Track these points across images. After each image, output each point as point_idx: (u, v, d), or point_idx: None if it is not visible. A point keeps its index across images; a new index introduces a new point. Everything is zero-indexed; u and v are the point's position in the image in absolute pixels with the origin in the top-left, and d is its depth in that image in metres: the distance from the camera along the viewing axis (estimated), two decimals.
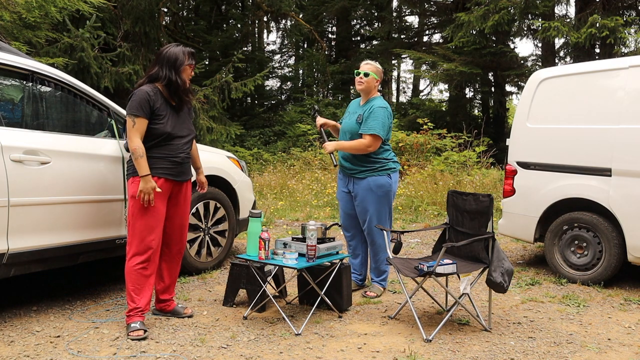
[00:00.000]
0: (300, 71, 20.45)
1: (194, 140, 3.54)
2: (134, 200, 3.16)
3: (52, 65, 5.94)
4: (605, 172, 4.21)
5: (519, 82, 15.18)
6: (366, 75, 3.87)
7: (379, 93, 3.99)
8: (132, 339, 3.06)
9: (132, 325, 3.13)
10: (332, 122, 4.13)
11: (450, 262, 3.27)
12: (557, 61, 13.60)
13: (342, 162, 3.97)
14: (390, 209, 3.94)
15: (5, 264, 3.14)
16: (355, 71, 3.94)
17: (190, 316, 3.49)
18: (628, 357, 2.96)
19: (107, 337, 3.11)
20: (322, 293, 3.46)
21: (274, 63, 20.52)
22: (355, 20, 20.26)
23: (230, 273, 3.74)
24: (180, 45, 3.32)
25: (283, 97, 20.39)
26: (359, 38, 20.43)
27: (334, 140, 4.02)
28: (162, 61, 3.24)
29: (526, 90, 4.91)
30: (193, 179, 3.59)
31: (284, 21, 19.35)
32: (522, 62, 14.97)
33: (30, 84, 3.46)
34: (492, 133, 13.39)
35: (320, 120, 4.07)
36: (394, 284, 4.29)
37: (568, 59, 13.86)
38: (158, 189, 3.14)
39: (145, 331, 3.12)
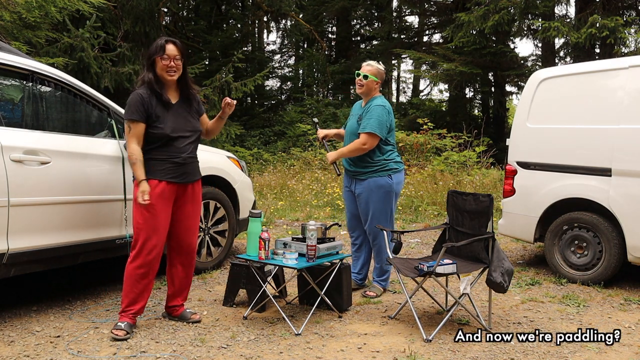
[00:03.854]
0: (300, 71, 20.46)
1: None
2: (136, 203, 3.11)
3: (52, 65, 5.94)
4: (605, 172, 4.20)
5: (519, 82, 15.19)
6: (365, 77, 3.87)
7: (379, 93, 3.99)
8: (113, 338, 3.05)
9: (119, 324, 3.11)
10: (334, 131, 4.22)
11: (450, 262, 3.27)
12: (557, 61, 13.60)
13: (345, 165, 4.04)
14: (392, 209, 3.92)
15: (5, 264, 3.14)
16: (356, 72, 3.95)
17: (197, 321, 3.39)
18: (628, 357, 2.96)
19: (107, 337, 3.10)
20: (322, 293, 3.46)
21: (274, 63, 20.54)
22: (355, 20, 20.27)
23: (230, 273, 3.74)
24: (161, 38, 3.20)
25: (283, 97, 20.40)
26: (359, 38, 20.45)
27: (337, 148, 4.05)
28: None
29: (526, 90, 4.91)
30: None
31: (284, 21, 19.37)
32: (522, 62, 14.98)
33: (30, 84, 3.46)
34: (492, 133, 13.39)
35: (321, 132, 4.14)
36: (394, 284, 4.29)
37: (568, 59, 13.87)
38: (146, 194, 3.02)
39: (127, 332, 3.07)
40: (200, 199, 3.42)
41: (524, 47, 66.36)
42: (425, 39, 18.84)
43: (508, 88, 16.35)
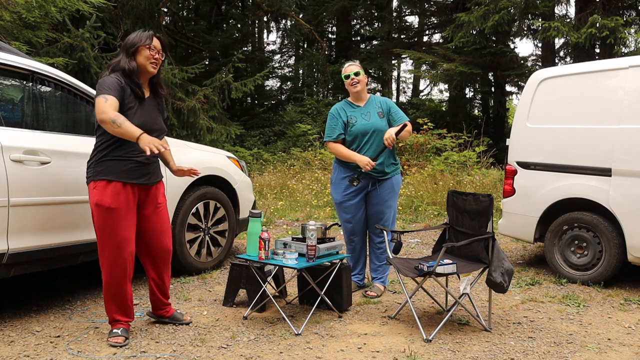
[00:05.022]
0: (300, 71, 20.48)
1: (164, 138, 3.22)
2: (98, 210, 2.88)
3: (52, 65, 5.94)
4: (605, 172, 4.20)
5: (519, 82, 15.20)
6: (357, 74, 3.90)
7: None
8: (111, 345, 2.96)
9: (114, 331, 3.03)
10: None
11: (450, 262, 3.27)
12: (557, 61, 13.60)
13: (378, 167, 3.83)
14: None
15: (5, 264, 3.13)
16: (344, 75, 3.93)
17: (188, 323, 3.36)
18: (628, 357, 2.96)
19: (107, 337, 3.10)
20: (322, 293, 3.46)
21: (274, 63, 20.55)
22: (355, 20, 20.28)
23: (230, 273, 3.74)
24: (146, 30, 3.08)
25: (283, 97, 20.42)
26: (359, 38, 20.44)
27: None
28: (122, 49, 3.04)
29: (526, 90, 4.91)
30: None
31: (284, 21, 19.37)
32: (522, 62, 14.98)
33: (30, 84, 3.46)
34: (492, 133, 13.40)
35: (370, 163, 3.75)
36: (394, 284, 4.29)
37: (568, 59, 13.87)
38: (160, 147, 2.70)
39: (126, 338, 3.01)
40: (165, 201, 3.21)
41: (524, 47, 66.37)
42: (425, 39, 18.86)
43: (508, 88, 16.36)
